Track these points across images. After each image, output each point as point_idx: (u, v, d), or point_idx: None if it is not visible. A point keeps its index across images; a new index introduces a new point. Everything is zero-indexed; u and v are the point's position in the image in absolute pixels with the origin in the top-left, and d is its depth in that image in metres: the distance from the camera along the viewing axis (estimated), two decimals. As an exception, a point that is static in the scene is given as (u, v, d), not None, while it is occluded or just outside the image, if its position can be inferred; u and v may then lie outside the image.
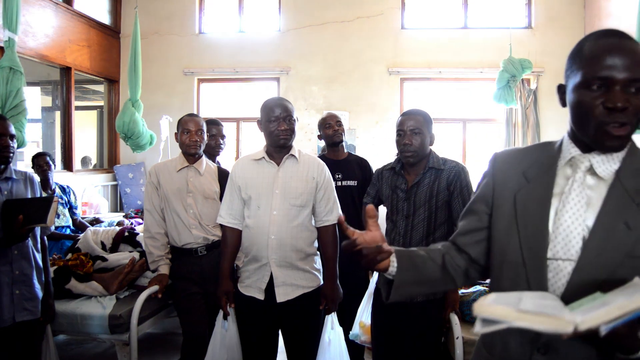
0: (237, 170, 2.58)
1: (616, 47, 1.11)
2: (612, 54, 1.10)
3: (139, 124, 5.52)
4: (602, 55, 1.11)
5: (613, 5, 6.31)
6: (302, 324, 2.58)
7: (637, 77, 1.08)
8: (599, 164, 1.15)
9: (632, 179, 1.12)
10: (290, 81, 7.30)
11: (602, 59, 1.11)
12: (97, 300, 3.11)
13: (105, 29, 7.13)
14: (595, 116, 1.11)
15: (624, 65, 1.08)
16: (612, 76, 1.09)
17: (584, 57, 1.15)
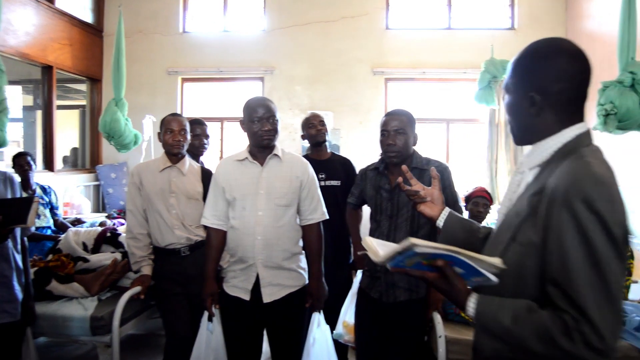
0: (221, 171, 2.57)
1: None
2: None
3: (121, 123, 5.46)
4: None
5: (594, 7, 6.40)
6: (287, 324, 2.58)
7: None
8: (525, 160, 1.35)
9: (543, 172, 1.25)
10: (275, 81, 7.28)
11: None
12: (78, 301, 3.08)
13: (87, 27, 7.06)
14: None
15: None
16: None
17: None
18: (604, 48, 5.94)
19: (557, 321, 1.08)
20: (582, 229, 1.07)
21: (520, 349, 1.12)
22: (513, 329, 1.11)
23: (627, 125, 3.73)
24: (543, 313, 1.11)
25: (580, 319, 1.05)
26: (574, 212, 1.08)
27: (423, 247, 1.14)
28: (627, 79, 3.68)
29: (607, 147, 1.31)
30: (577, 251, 1.07)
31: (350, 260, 3.58)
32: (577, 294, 1.06)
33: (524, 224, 1.19)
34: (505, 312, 1.14)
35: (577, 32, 6.84)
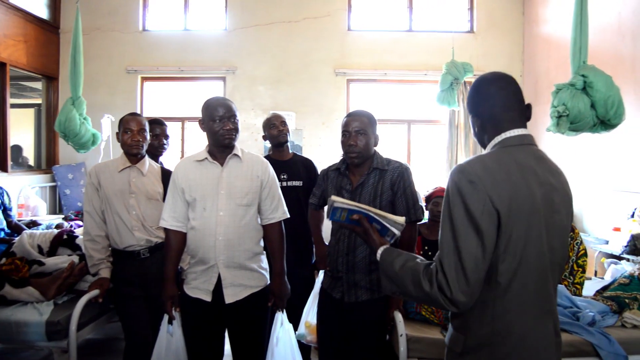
0: (180, 172, 2.54)
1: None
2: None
3: (76, 123, 5.32)
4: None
5: (549, 12, 6.59)
6: (250, 324, 2.57)
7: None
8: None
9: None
10: (237, 81, 7.25)
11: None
12: (33, 306, 2.99)
13: (43, 23, 6.87)
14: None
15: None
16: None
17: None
18: (559, 52, 6.13)
19: (427, 269, 1.45)
20: (449, 206, 1.44)
21: (403, 291, 1.52)
22: (398, 273, 1.52)
23: (579, 127, 3.85)
24: (422, 262, 1.50)
25: (440, 269, 1.41)
26: (447, 192, 1.46)
27: (340, 203, 1.66)
28: (579, 82, 3.80)
29: (560, 148, 1.41)
30: (445, 222, 1.44)
31: (312, 261, 3.59)
32: (441, 252, 1.43)
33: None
34: (398, 260, 1.54)
35: (533, 36, 7.03)
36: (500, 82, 1.61)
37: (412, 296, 1.50)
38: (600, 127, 3.93)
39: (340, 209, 1.65)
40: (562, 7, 6.05)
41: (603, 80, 3.77)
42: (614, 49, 5.13)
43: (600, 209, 5.36)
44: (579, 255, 3.14)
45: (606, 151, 5.23)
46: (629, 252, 4.07)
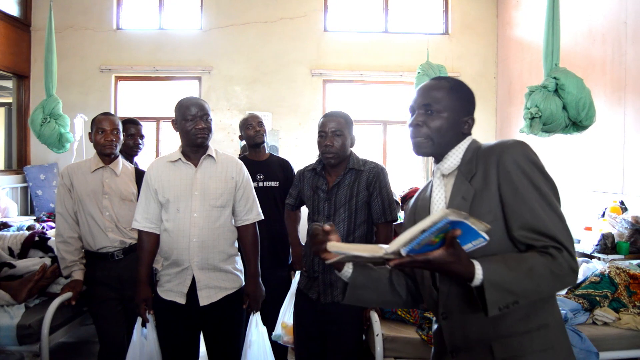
0: (152, 173, 2.52)
1: (422, 86, 1.58)
2: (416, 92, 1.59)
3: (37, 123, 5.24)
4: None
5: (522, 16, 6.70)
6: (225, 326, 2.55)
7: (424, 102, 1.53)
8: (443, 165, 1.53)
9: (466, 166, 1.47)
10: (212, 81, 7.20)
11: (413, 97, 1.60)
12: (4, 309, 2.93)
13: (13, 21, 6.73)
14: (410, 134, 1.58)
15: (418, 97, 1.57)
16: (412, 105, 1.58)
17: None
18: (532, 54, 6.23)
19: (547, 258, 1.28)
20: (533, 178, 1.34)
21: (526, 294, 1.27)
22: (518, 277, 1.25)
23: (551, 128, 3.92)
24: (532, 254, 1.30)
25: (561, 248, 1.28)
26: (521, 168, 1.35)
27: (457, 214, 1.15)
28: (551, 84, 3.87)
29: (534, 148, 1.44)
30: (535, 196, 1.33)
31: (289, 261, 3.59)
32: (552, 228, 1.30)
33: (475, 202, 1.40)
34: (504, 264, 1.27)
35: (506, 39, 7.13)
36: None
37: (537, 294, 1.30)
38: (572, 128, 4.01)
39: (441, 227, 1.16)
40: (535, 11, 6.15)
41: (574, 83, 3.84)
42: (585, 52, 5.24)
43: (572, 208, 5.46)
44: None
45: (578, 152, 5.33)
46: (599, 251, 4.15)
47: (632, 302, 2.95)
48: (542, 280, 1.27)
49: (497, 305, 1.24)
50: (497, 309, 1.24)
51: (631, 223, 4.14)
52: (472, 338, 1.41)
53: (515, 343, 1.36)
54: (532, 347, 1.35)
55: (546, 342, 1.37)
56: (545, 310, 1.39)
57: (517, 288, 1.25)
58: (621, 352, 2.73)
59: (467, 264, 1.23)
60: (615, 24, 4.83)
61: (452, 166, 1.51)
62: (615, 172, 4.77)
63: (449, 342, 1.46)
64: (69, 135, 5.46)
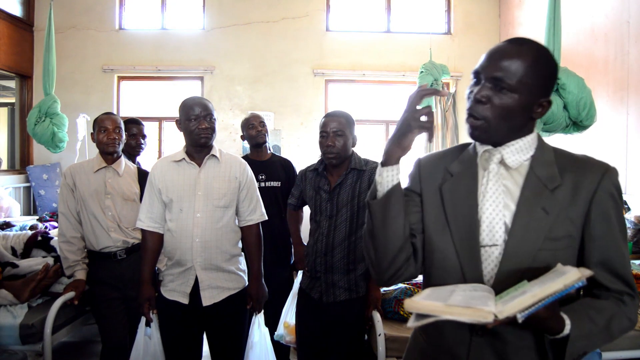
0: (156, 172, 2.52)
1: (495, 49, 1.26)
2: (486, 55, 1.27)
3: (31, 122, 5.25)
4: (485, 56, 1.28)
5: (524, 15, 6.69)
6: (228, 327, 2.55)
7: (494, 75, 1.21)
8: (509, 155, 1.25)
9: (543, 169, 1.23)
10: (215, 81, 7.20)
11: (482, 59, 1.28)
12: (7, 309, 2.93)
13: (16, 21, 6.74)
14: (468, 107, 1.27)
15: (487, 64, 1.24)
16: (478, 70, 1.25)
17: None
18: (534, 54, 6.20)
19: (620, 305, 1.18)
20: (620, 214, 1.20)
21: (603, 343, 1.18)
22: (600, 330, 1.15)
23: (552, 128, 3.91)
24: (607, 303, 1.19)
25: (633, 294, 1.19)
26: (615, 200, 1.20)
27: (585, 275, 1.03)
28: (553, 83, 3.86)
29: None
30: (620, 235, 1.20)
31: (291, 261, 3.59)
32: (628, 273, 1.19)
33: (558, 220, 1.19)
34: (585, 316, 1.15)
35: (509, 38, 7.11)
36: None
37: (614, 340, 1.20)
38: (573, 128, 4.00)
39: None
40: (538, 11, 6.14)
41: (575, 82, 3.84)
42: (587, 52, 5.23)
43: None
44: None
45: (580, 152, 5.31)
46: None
47: (634, 302, 2.95)
48: (620, 330, 1.18)
49: (573, 356, 1.12)
50: (572, 357, 1.13)
51: (634, 223, 4.13)
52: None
53: None
54: None
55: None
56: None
57: (596, 340, 1.16)
58: (624, 352, 2.73)
59: (560, 319, 1.10)
60: (617, 24, 4.82)
61: (520, 160, 1.25)
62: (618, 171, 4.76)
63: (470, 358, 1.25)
64: (62, 134, 5.42)
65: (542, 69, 1.22)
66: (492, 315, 0.99)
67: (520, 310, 1.00)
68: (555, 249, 1.18)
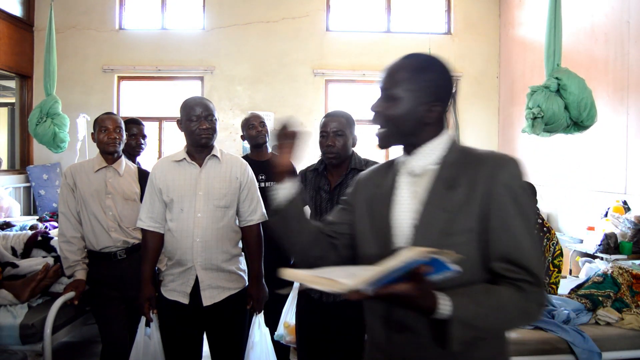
0: (157, 172, 2.52)
1: (387, 65, 1.42)
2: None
3: (32, 122, 5.26)
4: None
5: (525, 16, 6.69)
6: (228, 327, 2.55)
7: (382, 87, 1.38)
8: (415, 162, 1.35)
9: (447, 170, 1.31)
10: (215, 80, 7.21)
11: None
12: (7, 309, 2.93)
13: (16, 21, 6.74)
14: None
15: (381, 79, 1.40)
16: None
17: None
18: (534, 54, 6.22)
19: (514, 290, 1.20)
20: (521, 204, 1.23)
21: (491, 329, 1.22)
22: (486, 313, 1.17)
23: (553, 128, 3.92)
24: (500, 288, 1.20)
25: (533, 281, 1.19)
26: (512, 191, 1.23)
27: (431, 253, 1.08)
28: (553, 84, 3.86)
29: (534, 150, 1.41)
30: (520, 224, 1.22)
31: (291, 262, 3.58)
32: (529, 262, 1.20)
33: (455, 217, 1.25)
34: (471, 299, 1.17)
35: (509, 38, 7.13)
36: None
37: (503, 329, 1.27)
38: (574, 128, 4.00)
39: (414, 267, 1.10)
40: (538, 11, 6.14)
41: (576, 83, 3.84)
42: (587, 52, 5.23)
43: (574, 208, 5.46)
44: (554, 256, 3.19)
45: (581, 152, 5.32)
46: (602, 251, 4.15)
47: (634, 302, 2.95)
48: (511, 316, 1.20)
49: (460, 341, 1.14)
50: (460, 344, 1.15)
51: (634, 223, 4.14)
52: (429, 356, 1.27)
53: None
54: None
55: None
56: (505, 342, 1.34)
57: (483, 324, 1.17)
58: (624, 352, 2.73)
59: (432, 298, 1.13)
60: (617, 24, 4.82)
61: (424, 165, 1.34)
62: (618, 171, 4.76)
63: (397, 357, 1.32)
64: (63, 134, 5.44)
65: (427, 76, 1.33)
66: (346, 287, 1.05)
67: (365, 282, 1.06)
68: (455, 244, 1.21)
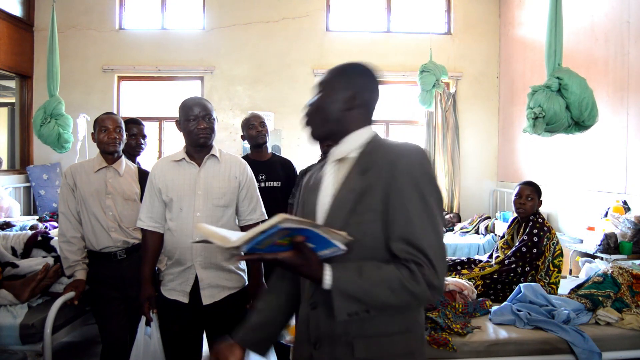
0: (157, 172, 2.52)
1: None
2: None
3: (37, 123, 5.27)
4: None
5: (525, 15, 6.68)
6: (228, 326, 2.54)
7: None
8: (337, 152, 1.51)
9: (363, 158, 1.44)
10: (215, 80, 7.21)
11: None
12: (7, 309, 2.93)
13: (16, 21, 6.74)
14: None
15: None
16: None
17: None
18: (534, 54, 6.22)
19: (403, 270, 1.27)
20: (420, 189, 1.31)
21: (374, 305, 1.29)
22: (368, 287, 1.27)
23: (554, 128, 3.91)
24: (389, 266, 1.29)
25: (424, 262, 1.26)
26: (412, 177, 1.32)
27: (292, 221, 1.20)
28: (554, 83, 3.86)
29: (535, 149, 1.42)
30: (418, 207, 1.31)
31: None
32: (422, 243, 1.28)
33: (361, 197, 1.36)
34: (358, 274, 1.28)
35: (509, 38, 7.13)
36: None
37: (387, 306, 1.31)
38: (575, 128, 4.00)
39: (279, 230, 1.22)
40: (537, 10, 6.14)
41: (577, 83, 3.84)
42: (587, 52, 5.23)
43: (574, 208, 5.46)
44: (554, 255, 3.19)
45: (581, 152, 5.32)
46: (602, 251, 4.14)
47: (635, 302, 2.94)
48: (392, 292, 1.26)
49: (344, 311, 1.27)
50: (346, 314, 1.27)
51: (634, 223, 4.13)
52: (336, 332, 1.39)
53: (377, 344, 1.36)
54: (393, 350, 1.37)
55: (407, 347, 1.38)
56: (409, 316, 1.39)
57: (365, 298, 1.27)
58: (624, 352, 2.73)
59: (317, 268, 1.28)
60: (617, 23, 4.82)
61: (344, 152, 1.49)
62: (618, 171, 4.76)
63: (313, 333, 1.44)
64: (68, 135, 5.47)
65: (345, 73, 1.57)
66: (229, 244, 1.21)
67: (241, 242, 1.19)
68: (360, 222, 1.35)
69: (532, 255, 3.14)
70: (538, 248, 3.15)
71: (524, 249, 3.16)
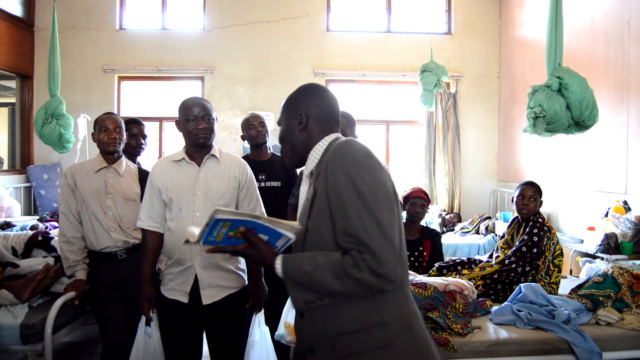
0: (157, 172, 2.52)
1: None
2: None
3: (38, 123, 5.28)
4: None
5: (525, 15, 6.69)
6: (227, 326, 2.55)
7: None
8: (305, 167, 1.64)
9: (318, 166, 1.55)
10: (215, 81, 7.21)
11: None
12: (7, 309, 2.93)
13: (17, 21, 6.74)
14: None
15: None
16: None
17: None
18: (535, 54, 6.22)
19: (346, 258, 1.33)
20: (355, 185, 1.36)
21: (324, 292, 1.37)
22: (314, 274, 1.34)
23: (555, 127, 3.91)
24: (335, 254, 1.36)
25: (363, 248, 1.31)
26: (347, 176, 1.38)
27: (225, 213, 1.32)
28: (555, 83, 3.86)
29: (535, 149, 1.42)
30: (354, 201, 1.35)
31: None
32: (360, 233, 1.32)
33: (313, 202, 1.47)
34: (306, 262, 1.37)
35: (510, 38, 7.12)
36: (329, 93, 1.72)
37: (336, 294, 1.35)
38: (575, 128, 4.00)
39: (221, 224, 1.35)
40: (538, 10, 6.14)
41: (578, 82, 3.83)
42: (587, 51, 5.23)
43: (575, 208, 5.46)
44: (555, 255, 3.19)
45: (581, 152, 5.32)
46: (602, 251, 4.14)
47: (635, 302, 2.94)
48: (337, 279, 1.32)
49: (300, 300, 1.39)
50: (302, 303, 1.39)
51: (634, 223, 4.13)
52: (319, 335, 1.45)
53: (354, 340, 1.40)
54: (370, 343, 1.39)
55: (384, 339, 1.40)
56: (383, 308, 1.41)
57: (313, 285, 1.36)
58: (624, 353, 2.72)
59: (270, 258, 1.41)
60: (618, 23, 4.82)
61: (309, 167, 1.61)
62: (619, 171, 4.76)
63: (306, 340, 1.51)
64: (69, 135, 5.48)
65: (287, 101, 1.68)
66: (194, 238, 1.39)
67: (197, 237, 1.38)
68: (317, 224, 1.45)
69: (532, 254, 3.14)
70: (538, 248, 3.15)
71: (524, 248, 3.16)
